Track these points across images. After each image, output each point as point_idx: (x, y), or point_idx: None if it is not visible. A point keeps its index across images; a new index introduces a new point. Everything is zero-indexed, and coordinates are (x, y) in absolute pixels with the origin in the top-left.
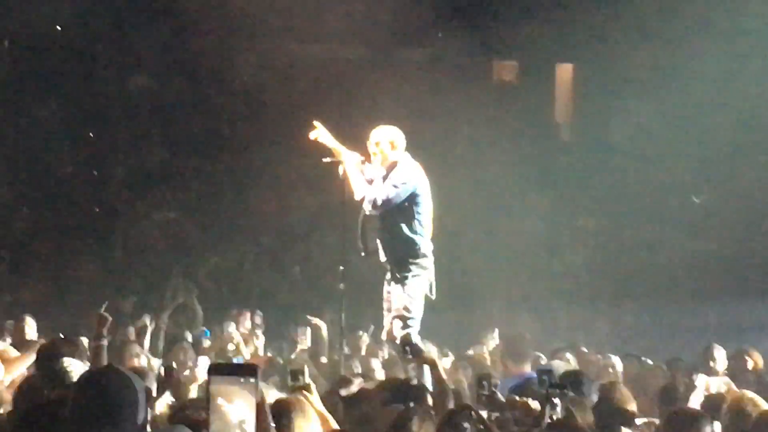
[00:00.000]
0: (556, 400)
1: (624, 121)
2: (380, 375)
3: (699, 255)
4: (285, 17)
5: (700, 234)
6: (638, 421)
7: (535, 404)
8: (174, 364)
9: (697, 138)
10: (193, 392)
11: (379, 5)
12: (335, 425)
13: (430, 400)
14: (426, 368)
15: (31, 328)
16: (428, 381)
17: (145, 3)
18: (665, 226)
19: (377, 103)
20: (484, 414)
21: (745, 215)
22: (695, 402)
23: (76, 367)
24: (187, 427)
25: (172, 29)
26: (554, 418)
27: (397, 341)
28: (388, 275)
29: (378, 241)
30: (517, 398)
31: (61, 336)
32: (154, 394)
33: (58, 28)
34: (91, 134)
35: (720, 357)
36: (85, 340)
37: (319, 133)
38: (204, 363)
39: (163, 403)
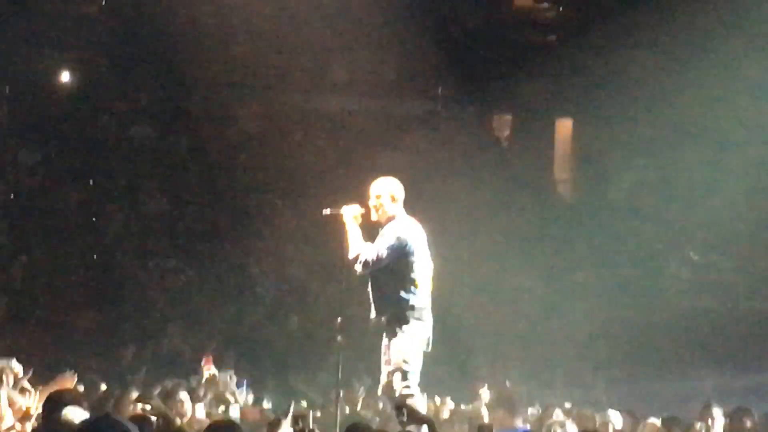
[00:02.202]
0: None
1: (623, 178)
2: None
3: (698, 313)
4: (286, 69)
5: (700, 291)
6: None
7: None
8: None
9: (698, 194)
10: None
11: (380, 59)
12: None
13: None
14: (424, 427)
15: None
16: None
17: (149, 53)
18: (664, 283)
19: (376, 155)
20: None
21: (746, 274)
22: None
23: (76, 416)
24: None
25: (174, 80)
26: None
27: (396, 395)
28: (386, 329)
29: (370, 298)
30: None
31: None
32: None
33: (61, 75)
34: (90, 182)
35: (718, 416)
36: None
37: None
38: (200, 411)
39: None
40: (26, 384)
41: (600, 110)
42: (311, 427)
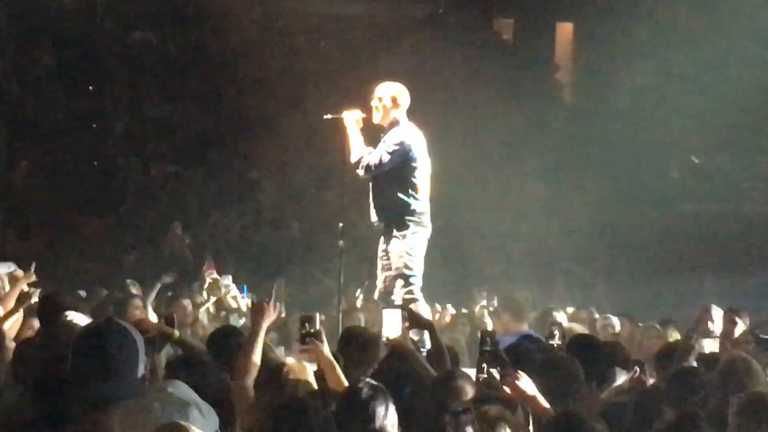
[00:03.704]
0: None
1: (624, 81)
2: None
3: (699, 216)
4: None
5: (701, 196)
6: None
7: None
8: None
9: (699, 97)
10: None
11: None
12: (342, 375)
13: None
14: (425, 332)
15: None
16: (427, 342)
17: None
18: (666, 187)
19: (377, 59)
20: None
21: (747, 176)
22: (692, 362)
23: (78, 320)
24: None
25: None
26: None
27: (399, 299)
28: (384, 233)
29: (370, 202)
30: None
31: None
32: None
33: None
34: (90, 87)
35: (717, 318)
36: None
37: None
38: (203, 317)
39: (164, 356)
40: (25, 287)
41: (602, 13)
42: (318, 328)
